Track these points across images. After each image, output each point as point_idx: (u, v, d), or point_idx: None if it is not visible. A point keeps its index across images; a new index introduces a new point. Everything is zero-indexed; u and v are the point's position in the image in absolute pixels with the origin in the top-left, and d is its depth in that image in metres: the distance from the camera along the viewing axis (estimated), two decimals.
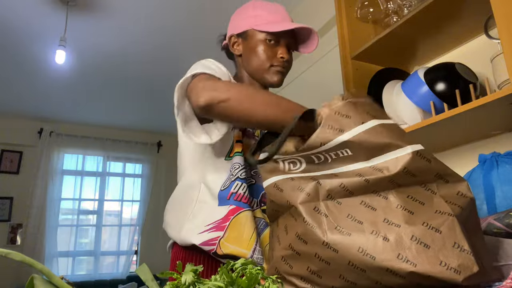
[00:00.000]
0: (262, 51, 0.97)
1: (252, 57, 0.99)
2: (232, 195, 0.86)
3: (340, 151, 0.62)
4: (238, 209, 0.85)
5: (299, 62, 2.71)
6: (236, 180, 0.87)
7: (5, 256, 0.38)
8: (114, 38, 3.20)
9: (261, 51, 0.97)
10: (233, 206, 0.85)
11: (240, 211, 0.85)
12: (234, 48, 1.04)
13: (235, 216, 0.84)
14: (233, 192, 0.86)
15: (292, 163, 0.66)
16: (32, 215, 4.64)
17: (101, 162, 5.33)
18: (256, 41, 0.98)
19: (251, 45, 0.99)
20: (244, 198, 0.86)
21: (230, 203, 0.86)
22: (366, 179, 0.57)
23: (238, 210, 0.85)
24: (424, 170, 0.57)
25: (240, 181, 0.87)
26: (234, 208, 0.85)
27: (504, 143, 1.28)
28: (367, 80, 1.54)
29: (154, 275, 0.43)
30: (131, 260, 5.15)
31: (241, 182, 0.87)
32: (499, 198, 0.95)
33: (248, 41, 1.00)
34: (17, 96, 4.30)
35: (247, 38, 1.00)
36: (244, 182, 0.88)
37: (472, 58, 1.38)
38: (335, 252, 0.52)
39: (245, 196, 0.87)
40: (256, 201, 0.91)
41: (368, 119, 0.63)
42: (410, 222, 0.51)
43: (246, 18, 1.02)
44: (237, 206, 0.86)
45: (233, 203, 0.86)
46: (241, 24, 1.02)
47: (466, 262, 0.47)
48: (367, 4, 1.58)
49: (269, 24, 0.96)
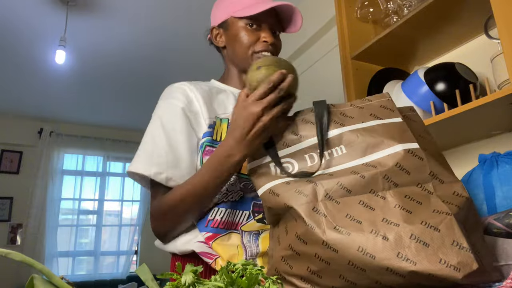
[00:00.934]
0: (244, 37, 0.92)
1: (235, 45, 0.94)
2: (210, 222, 0.83)
3: (335, 149, 0.64)
4: (214, 235, 0.83)
5: (299, 62, 2.71)
6: (214, 207, 0.84)
7: (5, 256, 0.38)
8: (114, 38, 3.21)
9: (243, 37, 0.92)
10: (209, 234, 0.83)
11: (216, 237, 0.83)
12: (217, 40, 0.99)
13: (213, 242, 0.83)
14: (210, 219, 0.84)
15: (285, 167, 0.66)
16: (32, 215, 4.65)
17: (101, 162, 5.34)
18: (237, 29, 0.93)
19: (233, 34, 0.94)
20: (221, 224, 0.84)
21: (206, 230, 0.83)
22: (361, 175, 0.58)
23: (214, 237, 0.83)
24: (418, 167, 0.58)
25: (218, 207, 0.84)
26: (210, 235, 0.83)
27: (504, 143, 1.28)
28: (367, 80, 1.54)
29: (154, 275, 0.43)
30: (131, 260, 5.15)
31: (218, 208, 0.84)
32: (499, 198, 0.95)
33: (229, 31, 0.96)
34: (17, 96, 4.31)
35: (228, 27, 0.96)
36: (223, 207, 0.84)
37: (472, 58, 1.38)
38: (334, 252, 0.52)
39: (222, 222, 0.84)
40: (248, 213, 0.87)
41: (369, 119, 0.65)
42: (408, 221, 0.52)
43: (224, 7, 0.97)
44: (213, 233, 0.83)
45: (209, 230, 0.83)
46: (220, 14, 0.98)
47: (466, 259, 0.47)
48: (367, 4, 1.58)
49: (246, 9, 0.91)
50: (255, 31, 0.92)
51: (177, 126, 0.86)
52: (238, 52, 0.94)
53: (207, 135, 0.87)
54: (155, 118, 0.89)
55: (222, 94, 0.96)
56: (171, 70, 3.74)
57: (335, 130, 0.66)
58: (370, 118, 0.66)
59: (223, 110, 0.92)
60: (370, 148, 0.62)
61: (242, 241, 0.84)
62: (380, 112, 0.67)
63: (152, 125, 0.89)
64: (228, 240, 0.84)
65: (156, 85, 4.15)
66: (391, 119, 0.65)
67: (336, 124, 0.67)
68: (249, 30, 0.92)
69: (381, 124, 0.64)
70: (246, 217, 0.86)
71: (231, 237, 0.84)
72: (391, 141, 0.61)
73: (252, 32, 0.92)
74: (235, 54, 0.96)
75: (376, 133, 0.63)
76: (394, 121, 0.65)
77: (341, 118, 0.68)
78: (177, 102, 0.88)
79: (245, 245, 0.84)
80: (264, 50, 0.92)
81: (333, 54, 2.27)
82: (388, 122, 0.65)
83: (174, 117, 0.87)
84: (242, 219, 0.86)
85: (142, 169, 0.83)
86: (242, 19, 0.92)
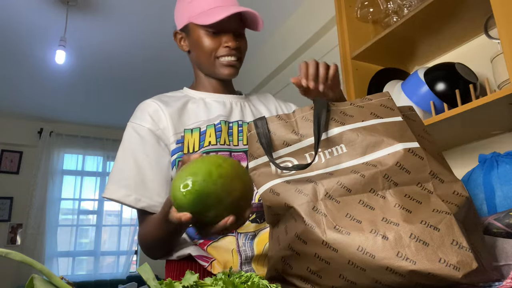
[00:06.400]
0: (206, 43, 0.90)
1: (198, 52, 0.93)
2: None
3: (335, 148, 0.64)
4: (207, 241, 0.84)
5: (299, 62, 2.71)
6: None
7: (5, 256, 0.38)
8: (114, 38, 3.21)
9: (204, 44, 0.90)
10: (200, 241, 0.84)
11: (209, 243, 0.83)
12: (181, 44, 0.97)
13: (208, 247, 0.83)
14: None
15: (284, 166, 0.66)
16: (32, 215, 4.64)
17: (101, 162, 5.34)
18: (198, 35, 0.91)
19: (194, 39, 0.92)
20: None
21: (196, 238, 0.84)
22: (361, 174, 0.58)
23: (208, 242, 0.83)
24: (418, 166, 0.58)
25: None
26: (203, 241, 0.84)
27: (504, 143, 1.28)
28: (367, 80, 1.54)
29: (156, 276, 0.43)
30: (131, 260, 5.15)
31: None
32: (499, 198, 0.95)
33: (191, 36, 0.93)
34: (17, 96, 4.31)
35: (189, 32, 0.93)
36: None
37: (472, 58, 1.38)
38: (334, 252, 0.52)
39: None
40: None
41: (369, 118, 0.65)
42: (408, 220, 0.52)
43: (183, 9, 0.94)
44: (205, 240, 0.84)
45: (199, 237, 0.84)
46: (180, 17, 0.95)
47: (465, 258, 0.47)
48: (367, 4, 1.58)
49: (204, 15, 0.88)
50: (216, 37, 0.90)
51: (146, 148, 0.87)
52: (201, 57, 0.94)
53: (177, 151, 0.88)
54: (123, 142, 0.90)
55: (192, 103, 0.95)
56: (171, 70, 3.74)
57: (335, 128, 0.66)
58: (370, 117, 0.66)
59: (193, 119, 0.92)
60: (370, 147, 0.62)
61: (238, 244, 0.84)
62: (380, 111, 0.67)
63: (120, 150, 0.89)
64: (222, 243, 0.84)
65: (156, 85, 4.16)
66: (391, 118, 0.65)
67: (337, 123, 0.67)
68: (209, 36, 0.90)
69: (381, 123, 0.64)
70: None
71: (226, 239, 0.84)
72: (391, 140, 0.61)
73: (213, 38, 0.90)
74: (198, 59, 0.95)
75: (376, 132, 0.63)
76: (394, 120, 0.65)
77: (341, 116, 0.68)
78: (144, 123, 0.89)
79: (240, 250, 0.83)
80: (227, 55, 0.91)
81: (333, 54, 2.27)
82: (389, 121, 0.65)
83: (142, 139, 0.87)
84: None
85: (111, 193, 0.83)
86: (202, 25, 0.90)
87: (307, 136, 0.68)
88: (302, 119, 0.70)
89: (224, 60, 0.91)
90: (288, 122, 0.71)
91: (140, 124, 0.89)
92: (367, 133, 0.63)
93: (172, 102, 0.94)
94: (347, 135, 0.64)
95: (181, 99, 0.96)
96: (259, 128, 0.71)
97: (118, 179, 0.85)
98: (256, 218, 0.87)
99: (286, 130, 0.70)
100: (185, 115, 0.93)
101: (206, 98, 0.97)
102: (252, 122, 0.73)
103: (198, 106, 0.95)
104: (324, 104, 0.68)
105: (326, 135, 0.66)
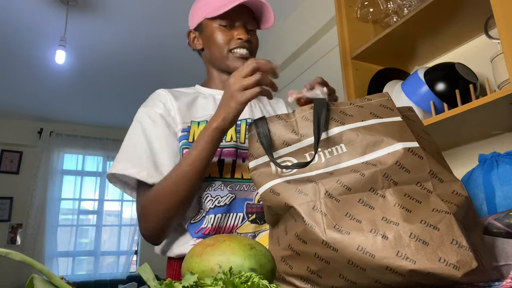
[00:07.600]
0: (218, 37, 0.94)
1: (211, 47, 0.96)
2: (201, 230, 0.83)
3: (335, 148, 0.64)
4: None
5: (299, 62, 2.71)
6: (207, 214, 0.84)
7: (5, 256, 0.38)
8: (114, 37, 3.21)
9: (218, 37, 0.94)
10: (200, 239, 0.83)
11: None
12: (194, 43, 1.01)
13: None
14: (203, 227, 0.84)
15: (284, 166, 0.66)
16: (32, 215, 4.65)
17: (101, 162, 5.34)
18: (211, 30, 0.95)
19: (208, 35, 0.96)
20: (211, 231, 0.84)
21: (197, 236, 0.84)
22: (361, 173, 0.58)
23: None
24: (417, 166, 0.58)
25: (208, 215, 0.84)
26: None
27: (504, 143, 1.28)
28: (367, 80, 1.54)
29: (156, 276, 0.43)
30: (131, 260, 5.15)
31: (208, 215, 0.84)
32: (499, 198, 0.95)
33: (204, 33, 0.97)
34: (17, 96, 4.31)
35: (203, 29, 0.97)
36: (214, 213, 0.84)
37: (472, 58, 1.38)
38: (334, 251, 0.52)
39: (213, 228, 0.84)
40: (242, 215, 0.87)
41: (369, 118, 0.65)
42: (408, 220, 0.52)
43: (198, 10, 0.99)
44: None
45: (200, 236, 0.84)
46: (195, 17, 0.99)
47: (465, 258, 0.47)
48: (367, 4, 1.58)
49: (219, 9, 0.92)
50: (229, 30, 0.94)
51: (157, 131, 0.88)
52: (214, 52, 0.96)
53: (183, 138, 0.89)
54: (136, 123, 0.91)
55: (202, 98, 0.98)
56: (171, 69, 3.74)
57: (335, 128, 0.66)
58: (370, 117, 0.66)
59: (201, 113, 0.94)
60: (370, 147, 0.62)
61: None
62: (379, 111, 0.67)
63: (133, 130, 0.90)
64: None
65: (156, 85, 4.13)
66: (391, 118, 0.65)
67: (336, 123, 0.67)
68: (222, 30, 0.94)
69: (381, 123, 0.64)
70: (240, 219, 0.86)
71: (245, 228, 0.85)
72: (391, 140, 0.61)
73: (225, 31, 0.94)
74: (212, 55, 0.97)
75: (376, 131, 0.63)
76: (394, 120, 0.65)
77: (341, 116, 0.68)
78: (156, 109, 0.91)
79: None
80: (239, 47, 0.94)
81: (333, 54, 2.27)
82: (388, 121, 0.65)
83: (153, 122, 0.89)
84: (237, 222, 0.86)
85: (122, 169, 0.84)
86: (215, 20, 0.94)
87: (307, 135, 0.68)
88: (302, 119, 0.70)
89: (237, 53, 0.94)
90: (288, 122, 0.71)
91: (152, 109, 0.91)
92: (367, 132, 0.63)
93: (182, 96, 0.96)
94: (347, 135, 0.65)
95: (192, 95, 0.98)
96: (259, 128, 0.71)
97: (130, 159, 0.85)
98: (256, 219, 0.87)
99: (286, 130, 0.70)
100: (194, 108, 0.95)
101: (216, 95, 0.99)
102: (252, 122, 0.73)
103: (207, 102, 0.97)
104: (324, 103, 0.68)
105: (326, 134, 0.66)
